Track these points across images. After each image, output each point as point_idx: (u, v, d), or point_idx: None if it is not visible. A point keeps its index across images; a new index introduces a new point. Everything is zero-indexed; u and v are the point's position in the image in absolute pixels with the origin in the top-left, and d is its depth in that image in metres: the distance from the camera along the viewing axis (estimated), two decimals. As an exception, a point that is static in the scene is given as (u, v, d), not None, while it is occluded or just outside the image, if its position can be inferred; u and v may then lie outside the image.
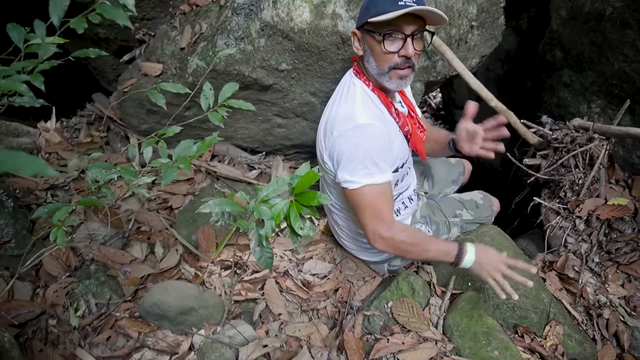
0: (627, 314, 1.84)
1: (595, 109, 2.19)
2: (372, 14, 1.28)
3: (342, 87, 1.54)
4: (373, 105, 1.46)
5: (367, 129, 1.35)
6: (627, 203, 1.99)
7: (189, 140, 1.00)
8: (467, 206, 1.94)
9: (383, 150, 1.38)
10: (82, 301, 1.60)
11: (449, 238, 1.91)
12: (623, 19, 1.92)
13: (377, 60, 1.38)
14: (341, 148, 1.37)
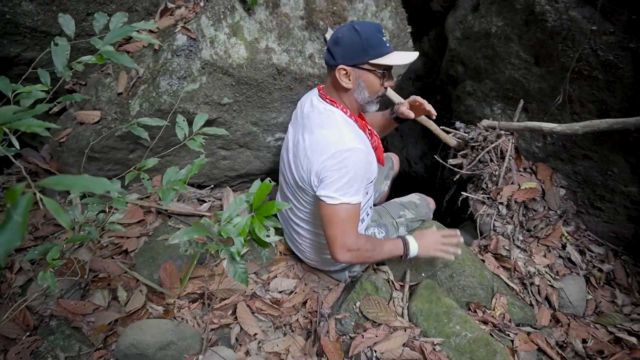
0: (552, 279, 2.15)
1: (497, 111, 2.57)
2: (374, 55, 1.51)
3: (314, 113, 1.66)
4: (353, 129, 1.63)
5: (356, 153, 1.51)
6: (535, 185, 2.34)
7: (174, 168, 1.08)
8: (408, 207, 2.15)
9: (365, 173, 1.56)
10: (50, 358, 1.53)
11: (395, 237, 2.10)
12: (506, 35, 2.32)
13: (370, 91, 1.60)
14: (328, 168, 1.50)
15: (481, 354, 1.56)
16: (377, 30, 1.53)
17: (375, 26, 1.55)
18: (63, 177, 0.56)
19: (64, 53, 0.77)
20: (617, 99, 1.98)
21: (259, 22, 1.97)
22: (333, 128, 1.57)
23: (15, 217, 0.52)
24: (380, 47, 1.51)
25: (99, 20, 1.01)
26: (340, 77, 1.57)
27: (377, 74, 1.56)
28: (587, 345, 1.91)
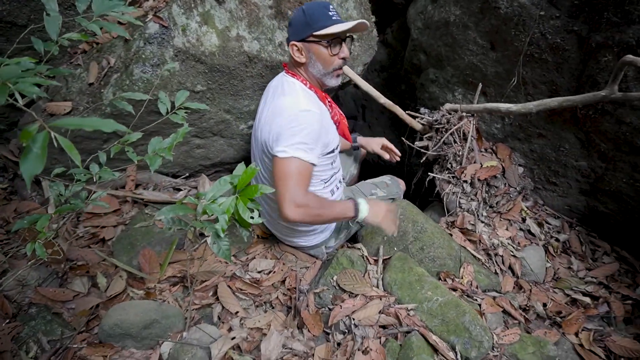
0: (514, 250, 2.30)
1: (458, 96, 2.71)
2: (317, 28, 1.64)
3: (278, 86, 1.80)
4: (312, 96, 1.76)
5: (308, 114, 1.61)
6: (496, 164, 2.49)
7: (158, 138, 1.13)
8: (380, 186, 2.29)
9: (318, 134, 1.64)
10: (32, 342, 1.54)
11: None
12: (463, 23, 2.46)
13: (323, 63, 1.73)
14: (284, 126, 1.59)
15: (452, 315, 1.68)
16: (322, 6, 1.67)
17: (322, 3, 1.69)
18: (73, 119, 0.61)
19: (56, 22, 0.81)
20: (565, 79, 2.15)
21: (229, 11, 2.02)
22: (291, 95, 1.70)
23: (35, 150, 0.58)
24: (322, 20, 1.64)
25: (81, 1, 1.05)
26: (294, 53, 1.72)
27: (322, 44, 1.68)
28: (547, 307, 2.07)
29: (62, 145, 0.65)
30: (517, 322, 1.91)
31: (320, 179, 1.89)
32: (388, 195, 2.29)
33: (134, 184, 2.28)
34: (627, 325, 2.01)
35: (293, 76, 1.78)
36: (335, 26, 1.64)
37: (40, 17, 2.06)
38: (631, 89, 1.90)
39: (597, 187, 2.31)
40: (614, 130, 2.05)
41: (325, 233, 2.06)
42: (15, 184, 2.22)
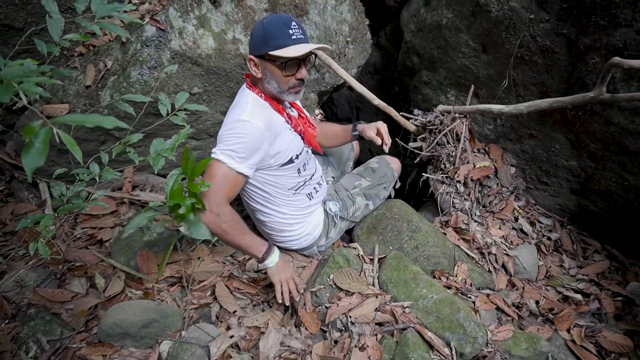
0: (507, 248, 2.34)
1: (450, 97, 2.76)
2: (273, 47, 1.55)
3: (236, 100, 1.76)
4: (263, 110, 1.69)
5: (246, 124, 1.57)
6: (489, 164, 2.54)
7: (160, 139, 1.15)
8: (364, 174, 2.29)
9: (254, 146, 1.60)
10: (31, 342, 1.55)
11: (356, 208, 2.21)
12: (456, 26, 2.51)
13: (278, 82, 1.66)
14: (222, 133, 1.61)
15: (446, 312, 1.71)
16: (282, 22, 1.56)
17: (283, 18, 1.58)
18: (75, 115, 0.64)
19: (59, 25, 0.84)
20: (555, 80, 2.19)
21: (225, 14, 2.05)
22: (240, 106, 1.66)
23: (37, 144, 0.60)
24: (279, 38, 1.55)
25: (80, 3, 1.08)
26: (250, 67, 1.66)
27: (276, 64, 1.60)
28: (540, 304, 2.11)
29: (64, 142, 0.67)
30: (510, 319, 1.94)
31: (287, 188, 1.89)
32: (374, 183, 2.26)
33: (131, 186, 2.29)
34: (618, 321, 2.06)
35: (250, 88, 1.73)
36: (291, 48, 1.55)
37: (37, 20, 2.09)
38: (619, 90, 1.95)
39: (587, 187, 2.36)
40: (602, 131, 2.10)
41: (312, 235, 2.06)
42: (12, 186, 2.23)
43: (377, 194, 2.27)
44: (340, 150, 2.51)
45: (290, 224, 1.98)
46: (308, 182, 1.97)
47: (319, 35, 2.34)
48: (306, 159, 1.94)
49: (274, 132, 1.70)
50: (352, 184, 2.24)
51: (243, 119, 1.58)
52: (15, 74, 0.69)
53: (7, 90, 0.66)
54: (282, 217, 1.95)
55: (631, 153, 2.06)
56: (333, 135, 2.28)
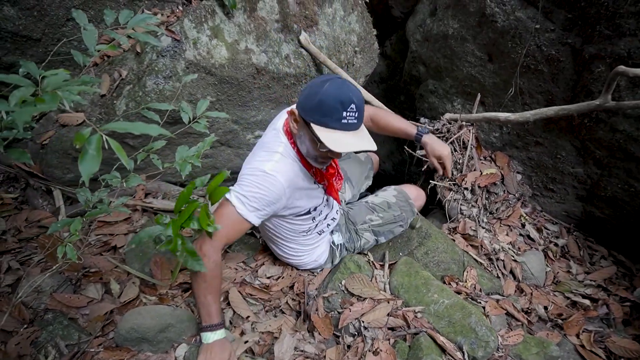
0: (515, 254, 2.36)
1: (457, 106, 2.80)
2: (319, 122, 1.41)
3: (270, 139, 1.66)
4: (290, 164, 1.59)
5: (268, 178, 1.51)
6: (495, 171, 2.57)
7: (184, 146, 1.19)
8: (378, 209, 2.09)
9: (268, 201, 1.54)
10: (50, 347, 1.57)
11: (363, 243, 2.08)
12: (462, 36, 2.56)
13: (309, 150, 1.54)
14: (243, 173, 1.57)
15: (458, 317, 1.73)
16: (340, 102, 1.38)
17: (343, 97, 1.38)
18: (122, 122, 0.67)
19: (93, 36, 0.88)
20: (561, 89, 2.24)
21: (237, 25, 2.10)
22: (268, 152, 1.59)
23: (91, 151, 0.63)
24: (329, 117, 1.39)
25: (109, 15, 1.12)
26: (291, 119, 1.57)
27: (314, 137, 1.46)
28: (549, 310, 2.13)
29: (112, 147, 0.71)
30: (520, 324, 1.96)
31: (299, 231, 1.86)
32: (387, 220, 2.07)
33: (144, 193, 2.32)
34: (626, 326, 2.08)
35: (286, 134, 1.64)
36: (336, 136, 1.40)
37: (54, 30, 2.14)
38: (624, 98, 1.99)
39: (593, 193, 2.39)
40: (608, 138, 2.14)
41: (318, 262, 2.05)
42: (27, 193, 2.26)
43: (390, 230, 2.11)
44: (361, 167, 2.38)
45: (297, 255, 1.99)
46: (322, 222, 1.92)
47: (328, 45, 2.39)
48: (324, 206, 1.87)
49: (295, 189, 1.63)
50: (362, 218, 2.07)
51: (267, 171, 1.51)
52: (58, 83, 0.73)
53: (54, 99, 0.69)
54: (290, 249, 1.96)
55: (637, 160, 2.09)
56: (388, 128, 2.08)
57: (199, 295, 1.54)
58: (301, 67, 2.30)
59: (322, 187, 1.81)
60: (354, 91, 1.41)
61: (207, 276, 1.50)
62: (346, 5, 2.43)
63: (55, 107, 0.71)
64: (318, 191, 1.79)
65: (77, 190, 1.20)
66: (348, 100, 1.38)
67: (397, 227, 2.11)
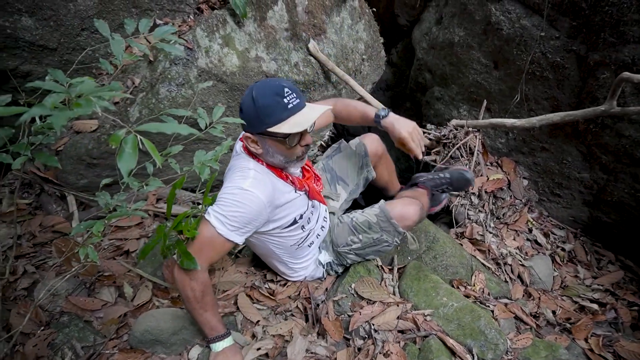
0: (522, 259, 2.38)
1: (463, 112, 2.83)
2: (270, 124, 1.43)
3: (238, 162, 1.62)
4: (267, 180, 1.56)
5: (247, 195, 1.47)
6: (502, 177, 2.60)
7: (202, 150, 1.23)
8: (358, 230, 1.94)
9: (248, 219, 1.50)
10: (67, 348, 1.60)
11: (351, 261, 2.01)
12: (467, 43, 2.60)
13: (284, 155, 1.54)
14: (222, 195, 1.51)
15: (467, 320, 1.75)
16: (274, 93, 1.43)
17: (274, 87, 1.44)
18: (155, 123, 0.71)
19: (121, 45, 0.92)
20: (566, 95, 2.27)
21: (248, 33, 2.15)
22: (241, 172, 1.55)
23: (127, 150, 0.67)
24: (276, 113, 1.42)
25: (129, 25, 1.16)
26: (249, 144, 1.55)
27: (278, 139, 1.48)
28: (557, 314, 2.14)
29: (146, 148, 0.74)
30: (528, 328, 1.97)
31: (289, 245, 1.83)
32: (366, 244, 1.93)
33: (155, 198, 2.36)
34: (634, 330, 2.08)
35: (249, 155, 1.61)
36: (292, 121, 1.44)
37: (70, 40, 2.19)
38: (629, 104, 2.02)
39: (599, 198, 2.41)
40: (614, 143, 2.16)
41: (314, 276, 2.05)
42: (41, 199, 2.30)
43: (376, 251, 1.98)
44: (352, 159, 2.19)
45: (292, 269, 1.99)
46: (312, 231, 1.89)
47: (336, 54, 2.43)
48: (311, 212, 1.83)
49: (276, 204, 1.60)
50: (344, 239, 1.96)
51: (245, 188, 1.48)
52: (90, 89, 0.76)
53: (88, 104, 0.73)
54: (283, 266, 1.96)
55: (643, 165, 2.11)
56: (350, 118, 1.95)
57: (196, 316, 1.56)
58: (310, 75, 2.34)
59: (304, 194, 1.76)
60: (279, 80, 1.48)
61: (197, 295, 1.51)
62: (354, 14, 2.48)
63: (90, 112, 0.74)
64: (301, 199, 1.74)
65: (97, 193, 1.24)
66: (279, 87, 1.43)
67: (382, 247, 1.96)
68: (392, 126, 1.80)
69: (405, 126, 1.79)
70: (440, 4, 2.91)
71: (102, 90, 0.79)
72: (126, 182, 1.11)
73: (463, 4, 2.57)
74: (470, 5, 2.52)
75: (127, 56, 1.14)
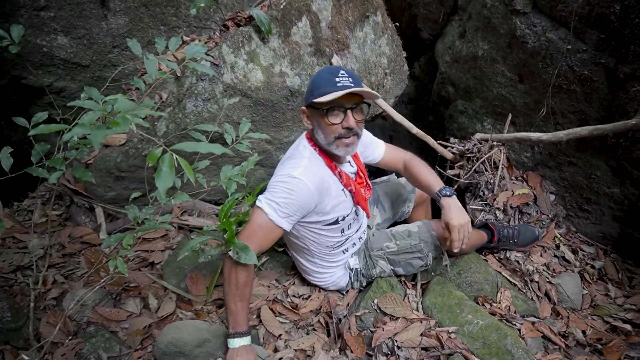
0: (550, 276, 2.31)
1: (487, 126, 2.80)
2: (316, 95, 1.55)
3: (294, 149, 1.76)
4: (317, 168, 1.66)
5: (297, 182, 1.56)
6: (527, 191, 2.55)
7: (228, 165, 1.26)
8: (397, 237, 2.00)
9: (298, 206, 1.58)
10: (93, 358, 1.62)
11: (379, 271, 2.00)
12: (491, 57, 2.58)
13: (324, 132, 1.62)
14: (272, 182, 1.62)
15: (493, 338, 1.71)
16: (329, 72, 1.57)
17: (332, 68, 1.59)
18: (189, 143, 0.73)
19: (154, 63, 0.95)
20: (595, 108, 2.22)
21: (272, 49, 2.19)
22: (295, 159, 1.66)
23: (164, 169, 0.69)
24: (324, 87, 1.53)
25: (159, 43, 1.20)
26: (303, 118, 1.70)
27: (320, 112, 1.58)
28: (587, 334, 2.06)
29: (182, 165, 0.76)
30: (557, 348, 1.91)
31: (326, 245, 1.87)
32: (402, 249, 1.97)
33: (180, 211, 2.40)
34: (671, 353, 1.99)
35: (309, 140, 1.73)
36: (331, 94, 1.52)
37: (101, 57, 2.27)
38: (661, 118, 1.96)
39: (631, 214, 2.33)
40: (646, 158, 2.10)
41: (338, 285, 2.05)
42: (71, 210, 2.37)
43: (408, 262, 1.98)
44: (399, 189, 2.30)
45: (318, 272, 1.99)
46: (350, 238, 1.93)
47: (359, 68, 2.45)
48: (353, 218, 1.88)
49: (323, 194, 1.67)
50: (379, 244, 2.01)
51: (295, 176, 1.57)
52: (127, 107, 0.79)
53: (125, 123, 0.75)
54: (312, 265, 1.97)
55: (677, 180, 2.05)
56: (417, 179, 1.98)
57: (229, 302, 1.60)
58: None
59: (350, 196, 1.81)
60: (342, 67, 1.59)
61: (239, 283, 1.56)
62: (377, 29, 2.50)
63: (127, 130, 0.77)
64: (346, 201, 1.80)
65: (126, 206, 1.27)
66: (337, 68, 1.57)
67: (415, 258, 1.97)
68: (448, 208, 1.78)
69: (459, 216, 1.76)
70: (464, 18, 2.91)
71: (137, 108, 0.81)
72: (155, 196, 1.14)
73: (487, 18, 2.56)
74: (494, 19, 2.51)
75: (159, 74, 1.18)
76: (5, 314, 1.65)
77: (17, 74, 2.22)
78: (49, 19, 2.11)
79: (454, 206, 1.79)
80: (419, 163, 2.02)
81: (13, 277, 2.00)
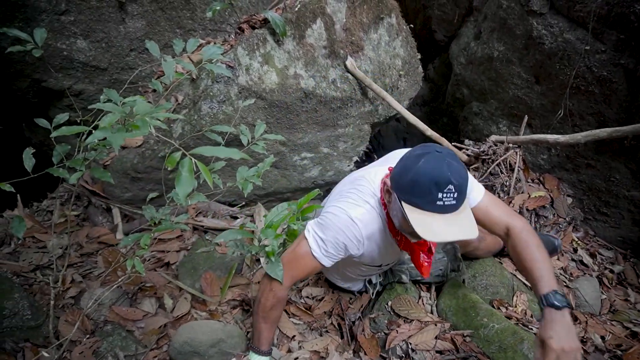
0: (567, 280, 2.28)
1: (502, 127, 2.78)
2: (412, 202, 1.28)
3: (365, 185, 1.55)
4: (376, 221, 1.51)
5: (351, 226, 1.46)
6: (544, 194, 2.51)
7: (244, 167, 1.27)
8: None
9: (344, 248, 1.50)
10: (110, 357, 1.65)
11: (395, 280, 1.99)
12: (507, 58, 2.56)
13: (402, 224, 1.40)
14: (326, 212, 1.52)
15: (509, 342, 1.68)
16: (434, 181, 1.22)
17: (439, 178, 1.21)
18: (207, 147, 0.74)
19: (172, 66, 0.97)
20: (614, 110, 2.18)
21: (287, 51, 2.20)
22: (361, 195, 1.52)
23: (184, 174, 0.70)
24: (420, 198, 1.25)
25: (177, 45, 1.22)
26: (383, 189, 1.48)
27: (405, 215, 1.30)
28: (606, 340, 2.02)
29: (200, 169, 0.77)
30: (575, 353, 1.88)
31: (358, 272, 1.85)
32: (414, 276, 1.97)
33: (195, 212, 2.43)
34: (693, 360, 1.94)
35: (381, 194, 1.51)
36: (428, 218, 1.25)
37: (119, 60, 2.31)
38: (683, 119, 1.92)
39: (651, 218, 2.29)
40: (667, 160, 2.06)
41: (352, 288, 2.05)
42: (88, 211, 2.42)
43: None
44: None
45: (342, 280, 1.98)
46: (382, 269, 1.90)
47: (374, 70, 2.45)
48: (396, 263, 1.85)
49: (373, 245, 1.56)
50: (402, 259, 1.97)
51: (352, 218, 1.45)
52: (146, 110, 0.81)
53: (145, 125, 0.77)
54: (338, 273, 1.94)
55: (699, 183, 2.00)
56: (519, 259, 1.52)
57: (256, 320, 1.62)
58: (347, 91, 2.36)
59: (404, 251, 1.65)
60: (453, 168, 1.23)
61: (266, 307, 1.57)
62: (391, 31, 2.50)
63: (147, 132, 0.78)
64: (395, 251, 1.68)
65: (143, 207, 1.29)
66: (445, 180, 1.21)
67: (436, 270, 1.96)
68: (550, 325, 1.30)
69: (564, 339, 1.26)
70: (479, 19, 2.89)
71: (156, 111, 0.83)
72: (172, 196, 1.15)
73: (503, 19, 2.54)
74: (510, 20, 2.48)
75: (176, 75, 1.19)
76: (26, 312, 1.68)
77: (37, 77, 2.27)
78: (69, 23, 2.16)
79: (561, 324, 1.30)
80: (532, 241, 1.50)
81: (33, 276, 2.05)
